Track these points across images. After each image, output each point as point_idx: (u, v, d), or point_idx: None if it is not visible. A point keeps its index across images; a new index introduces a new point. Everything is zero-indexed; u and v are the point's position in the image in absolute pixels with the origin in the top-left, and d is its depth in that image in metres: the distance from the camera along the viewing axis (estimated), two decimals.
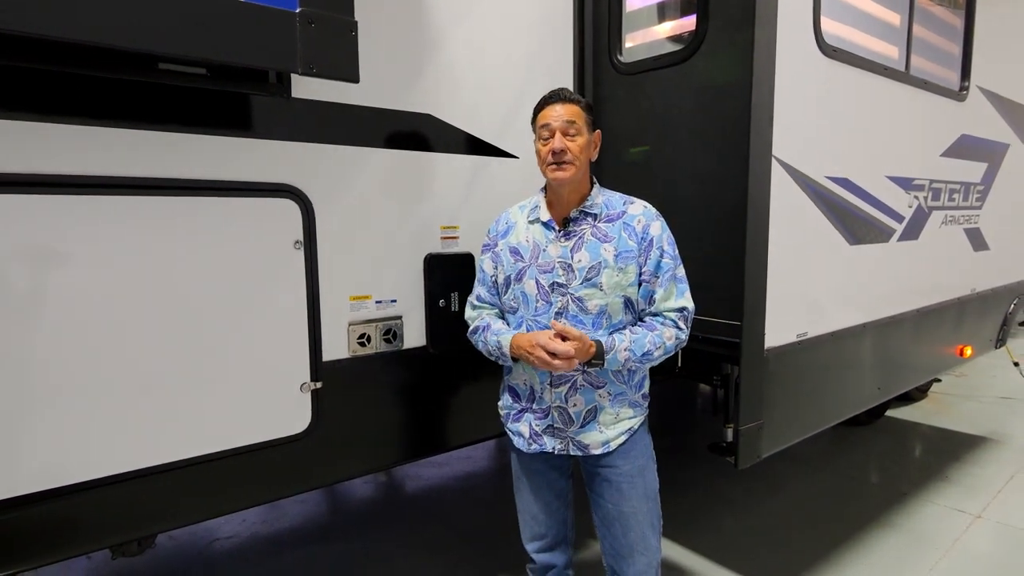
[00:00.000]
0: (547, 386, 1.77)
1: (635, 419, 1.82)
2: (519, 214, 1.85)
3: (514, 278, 1.79)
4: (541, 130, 1.73)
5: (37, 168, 1.42)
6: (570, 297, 1.71)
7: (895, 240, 2.78)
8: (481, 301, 1.90)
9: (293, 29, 1.40)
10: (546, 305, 1.73)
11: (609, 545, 1.85)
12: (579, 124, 1.70)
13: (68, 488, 1.52)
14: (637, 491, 1.81)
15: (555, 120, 1.69)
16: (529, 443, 1.83)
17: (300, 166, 1.81)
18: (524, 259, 1.77)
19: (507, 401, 1.90)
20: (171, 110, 1.59)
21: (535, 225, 1.79)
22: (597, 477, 1.83)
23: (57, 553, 1.57)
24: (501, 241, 1.84)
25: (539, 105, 1.76)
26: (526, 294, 1.76)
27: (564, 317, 1.71)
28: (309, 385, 1.86)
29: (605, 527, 1.85)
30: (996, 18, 3.38)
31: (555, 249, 1.74)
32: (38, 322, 1.43)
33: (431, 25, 2.06)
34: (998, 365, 5.91)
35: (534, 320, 1.75)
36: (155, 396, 1.60)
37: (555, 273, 1.72)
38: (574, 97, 1.73)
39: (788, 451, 2.40)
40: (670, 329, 1.73)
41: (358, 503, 3.66)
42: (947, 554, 2.90)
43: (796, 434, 2.39)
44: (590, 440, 1.77)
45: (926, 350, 3.25)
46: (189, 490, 1.71)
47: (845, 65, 2.36)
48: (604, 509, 1.83)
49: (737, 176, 2.01)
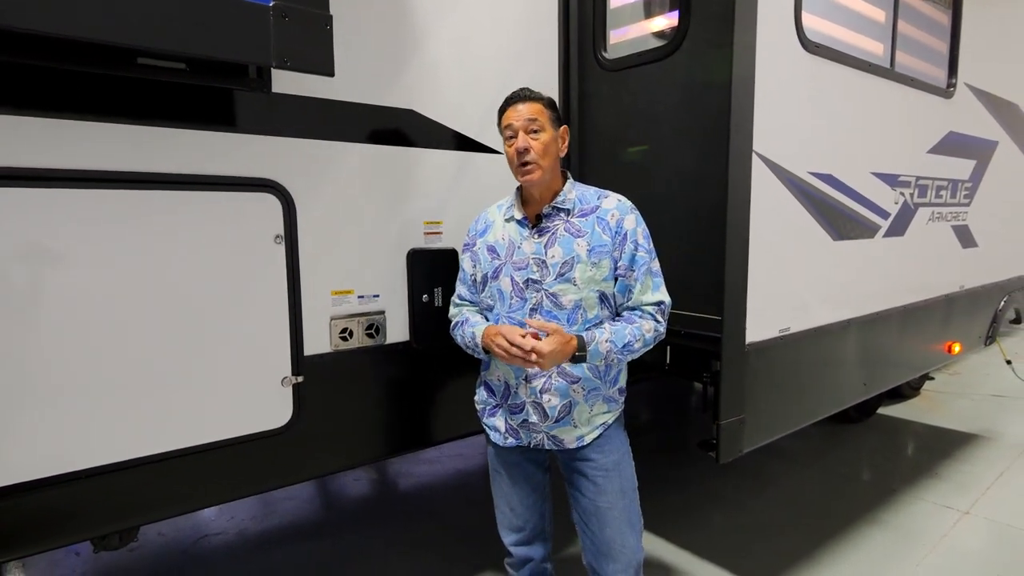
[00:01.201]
0: (522, 382, 1.78)
1: (609, 414, 1.83)
2: (496, 213, 1.88)
3: (490, 276, 1.81)
4: (505, 130, 1.75)
5: (13, 162, 1.43)
6: (544, 293, 1.73)
7: (880, 236, 2.78)
8: (462, 299, 1.93)
9: (267, 22, 1.41)
10: (520, 301, 1.75)
11: (589, 542, 1.85)
12: (541, 121, 1.71)
13: (47, 480, 1.53)
14: (613, 485, 1.81)
15: (517, 120, 1.71)
16: (505, 437, 1.85)
17: (281, 161, 1.82)
18: (500, 257, 1.79)
19: (483, 396, 1.92)
20: (150, 105, 1.60)
21: (510, 223, 1.81)
22: (574, 472, 1.85)
23: (36, 545, 1.57)
24: (479, 240, 1.86)
25: (502, 107, 1.77)
26: (502, 291, 1.78)
27: (538, 313, 1.73)
28: (290, 379, 1.87)
29: (584, 523, 1.85)
30: (983, 15, 3.39)
31: (529, 246, 1.75)
32: (12, 316, 1.44)
33: (414, 20, 2.06)
34: (990, 363, 5.93)
35: (508, 316, 1.77)
36: (135, 389, 1.61)
37: (529, 270, 1.74)
38: (534, 95, 1.74)
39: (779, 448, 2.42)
40: (648, 322, 1.74)
41: (349, 500, 3.67)
42: (934, 550, 2.90)
43: (779, 429, 2.39)
44: (564, 435, 1.79)
45: (913, 346, 3.26)
46: (170, 483, 1.72)
47: (828, 61, 2.36)
48: (581, 504, 1.84)
49: (719, 172, 2.02)
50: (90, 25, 1.26)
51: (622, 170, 2.46)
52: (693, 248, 2.19)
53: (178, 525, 3.22)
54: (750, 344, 2.13)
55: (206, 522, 3.28)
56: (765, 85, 2.05)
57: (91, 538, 1.73)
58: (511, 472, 1.91)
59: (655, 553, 2.91)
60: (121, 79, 1.53)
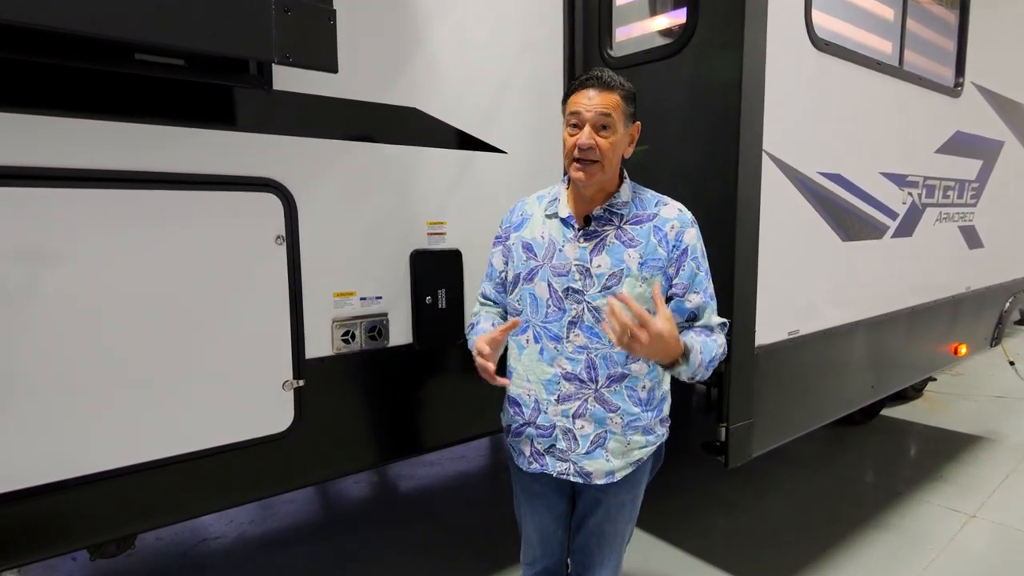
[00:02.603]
0: (551, 401, 1.58)
1: (646, 448, 1.63)
2: (536, 205, 1.65)
3: (524, 277, 1.60)
4: (570, 116, 1.47)
5: (10, 161, 1.39)
6: (586, 305, 1.51)
7: (888, 237, 2.75)
8: (485, 298, 1.74)
9: (268, 17, 1.37)
10: (558, 312, 1.54)
11: (580, 553, 1.76)
12: (615, 117, 1.44)
13: (44, 487, 1.49)
14: (624, 515, 1.69)
15: (587, 110, 1.44)
16: (529, 462, 1.65)
17: (282, 160, 1.78)
18: (537, 257, 1.58)
19: (509, 413, 1.70)
20: (149, 102, 1.55)
21: (553, 220, 1.59)
22: (588, 497, 1.69)
23: (31, 553, 1.54)
24: (514, 234, 1.64)
25: (574, 86, 1.50)
26: (536, 297, 1.57)
27: (578, 328, 1.53)
28: (292, 383, 1.83)
29: (582, 537, 1.74)
30: (991, 14, 3.36)
31: (572, 250, 1.54)
32: (8, 317, 1.40)
33: (417, 17, 2.03)
34: (994, 364, 5.90)
35: (543, 326, 1.56)
36: (134, 393, 1.57)
37: (571, 277, 1.53)
38: (615, 83, 1.45)
39: (782, 451, 2.38)
40: (721, 336, 1.54)
41: (349, 502, 3.63)
42: (941, 554, 2.87)
43: (788, 433, 2.36)
44: (594, 468, 1.59)
45: (920, 348, 3.23)
46: (169, 489, 1.68)
47: (837, 59, 2.33)
48: (586, 524, 1.71)
49: (727, 171, 1.98)
50: (86, 19, 1.22)
51: (628, 169, 2.42)
52: None
53: (176, 529, 3.18)
54: (759, 347, 2.10)
55: (205, 526, 3.24)
56: (775, 83, 2.02)
57: (88, 546, 1.69)
58: (532, 503, 1.73)
59: (658, 558, 2.88)
60: (118, 75, 1.49)
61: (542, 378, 1.58)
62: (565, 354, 1.55)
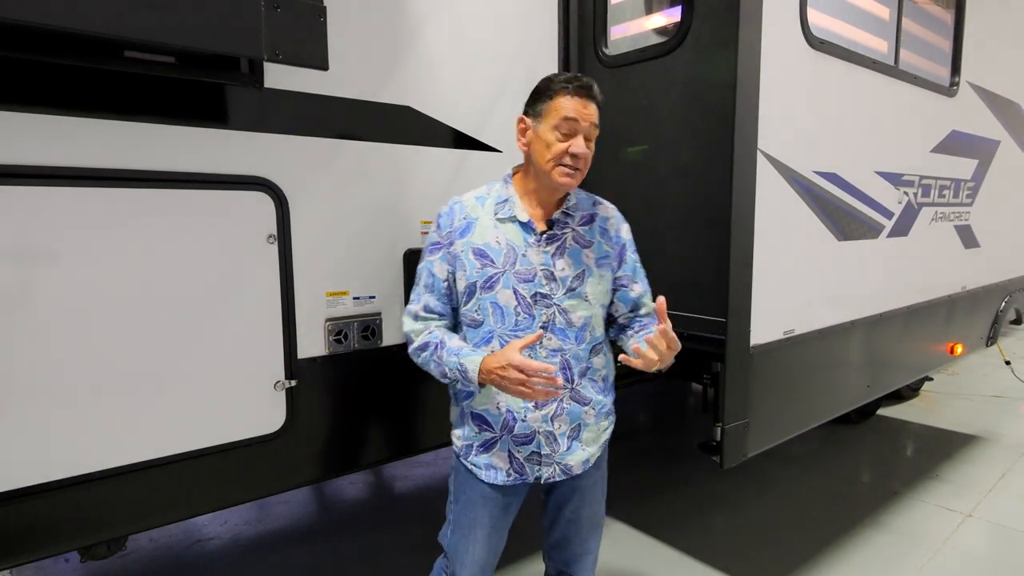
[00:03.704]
0: (529, 408, 1.57)
1: (610, 428, 1.73)
2: (479, 208, 1.61)
3: (481, 286, 1.55)
4: (564, 121, 1.48)
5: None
6: (556, 309, 1.55)
7: (884, 236, 2.75)
8: (430, 312, 1.62)
9: (258, 14, 1.36)
10: (529, 319, 1.54)
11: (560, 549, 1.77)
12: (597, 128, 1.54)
13: (34, 488, 1.47)
14: (597, 494, 1.74)
15: (584, 119, 1.49)
16: (508, 474, 1.61)
17: (273, 158, 1.76)
18: (496, 264, 1.55)
19: (469, 431, 1.64)
20: (139, 100, 1.54)
21: (509, 225, 1.57)
22: (562, 489, 1.70)
23: (24, 555, 1.52)
24: (460, 240, 1.58)
25: (561, 88, 1.49)
26: (500, 306, 1.54)
27: (549, 331, 1.55)
28: (283, 383, 1.82)
29: (559, 531, 1.75)
30: (986, 14, 3.36)
31: (536, 255, 1.55)
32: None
33: (411, 14, 2.01)
34: (989, 364, 5.91)
35: (513, 335, 1.54)
36: (124, 394, 1.55)
37: (538, 282, 1.54)
38: (600, 98, 1.54)
39: (778, 450, 2.38)
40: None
41: (344, 503, 3.62)
42: (937, 553, 2.87)
43: (783, 433, 2.35)
44: (574, 461, 1.63)
45: (916, 348, 3.23)
46: (160, 491, 1.66)
47: (833, 58, 2.32)
48: (563, 516, 1.73)
49: (722, 170, 1.97)
50: (74, 15, 1.20)
51: (623, 168, 2.41)
52: (695, 248, 2.15)
53: (170, 531, 3.17)
54: (754, 346, 2.09)
55: (198, 527, 3.22)
56: (770, 82, 2.01)
57: (78, 548, 1.67)
58: (496, 518, 1.66)
59: (655, 557, 2.87)
60: (107, 73, 1.48)
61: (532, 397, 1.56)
62: (539, 359, 1.54)
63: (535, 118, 1.54)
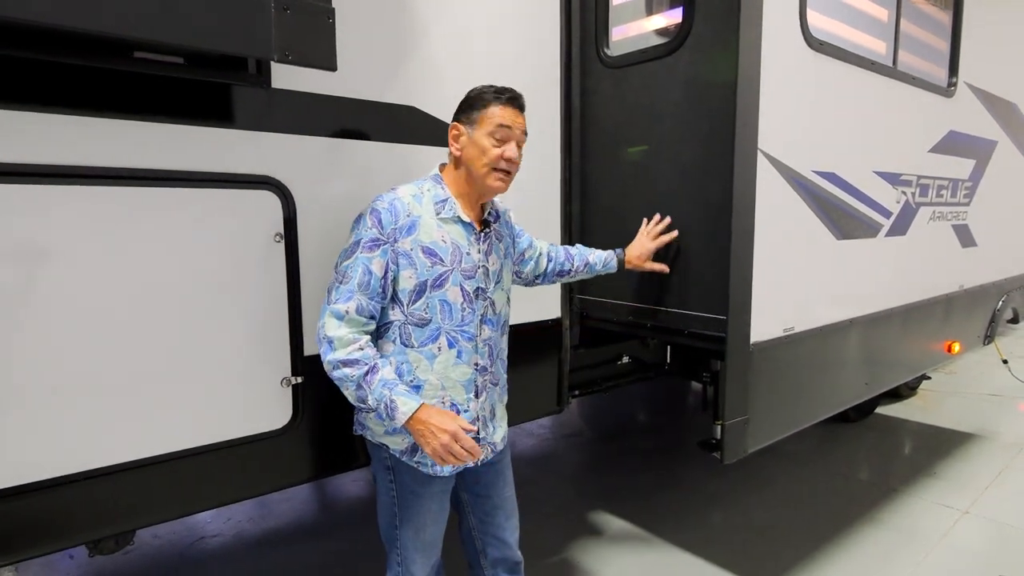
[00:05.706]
0: (471, 398, 1.70)
1: (506, 399, 1.88)
2: (418, 206, 1.62)
3: (431, 284, 1.60)
4: (499, 128, 1.61)
5: (5, 158, 1.39)
6: (488, 302, 1.72)
7: (882, 235, 2.77)
8: (360, 313, 1.54)
9: (268, 15, 1.38)
10: (471, 313, 1.67)
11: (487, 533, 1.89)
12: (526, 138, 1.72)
13: (43, 483, 1.49)
14: (510, 471, 1.89)
15: (517, 128, 1.65)
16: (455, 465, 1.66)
17: (280, 158, 1.78)
18: (444, 262, 1.62)
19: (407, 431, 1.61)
20: (147, 100, 1.56)
21: (451, 224, 1.65)
22: (485, 472, 1.83)
23: (29, 550, 1.54)
24: (407, 238, 1.58)
25: (494, 99, 1.63)
26: (449, 303, 1.63)
27: (483, 323, 1.70)
28: (290, 380, 1.84)
29: (488, 519, 1.87)
30: (984, 15, 3.39)
31: (476, 253, 1.69)
32: (7, 315, 1.40)
33: (415, 15, 2.03)
34: (987, 362, 5.95)
35: (459, 330, 1.65)
36: (132, 391, 1.57)
37: (478, 278, 1.68)
38: (525, 108, 1.71)
39: (777, 447, 2.41)
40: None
41: (347, 500, 3.64)
42: (934, 550, 2.90)
43: (783, 429, 2.38)
44: (497, 438, 1.80)
45: (914, 346, 3.25)
46: (167, 486, 1.68)
47: (832, 59, 2.35)
48: (488, 502, 1.84)
49: (723, 170, 2.00)
50: (84, 15, 1.22)
51: (624, 168, 2.43)
52: (696, 246, 2.17)
53: (174, 527, 3.19)
54: (754, 344, 2.11)
55: (202, 524, 3.25)
56: (770, 83, 2.04)
57: (86, 542, 1.69)
58: (440, 505, 1.77)
59: (654, 554, 2.90)
60: (117, 73, 1.49)
61: (460, 379, 1.67)
62: (478, 350, 1.70)
63: (469, 125, 1.65)
